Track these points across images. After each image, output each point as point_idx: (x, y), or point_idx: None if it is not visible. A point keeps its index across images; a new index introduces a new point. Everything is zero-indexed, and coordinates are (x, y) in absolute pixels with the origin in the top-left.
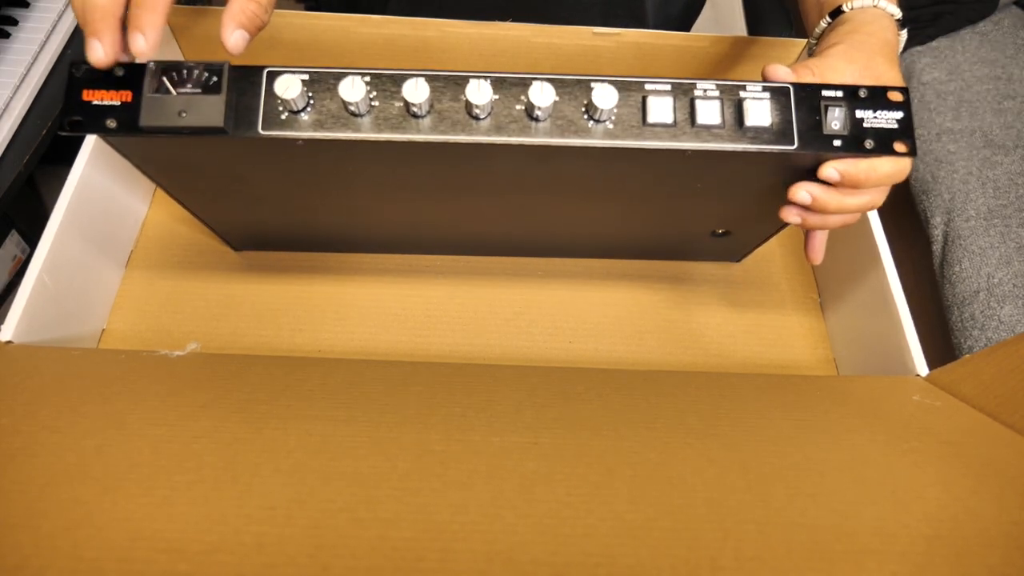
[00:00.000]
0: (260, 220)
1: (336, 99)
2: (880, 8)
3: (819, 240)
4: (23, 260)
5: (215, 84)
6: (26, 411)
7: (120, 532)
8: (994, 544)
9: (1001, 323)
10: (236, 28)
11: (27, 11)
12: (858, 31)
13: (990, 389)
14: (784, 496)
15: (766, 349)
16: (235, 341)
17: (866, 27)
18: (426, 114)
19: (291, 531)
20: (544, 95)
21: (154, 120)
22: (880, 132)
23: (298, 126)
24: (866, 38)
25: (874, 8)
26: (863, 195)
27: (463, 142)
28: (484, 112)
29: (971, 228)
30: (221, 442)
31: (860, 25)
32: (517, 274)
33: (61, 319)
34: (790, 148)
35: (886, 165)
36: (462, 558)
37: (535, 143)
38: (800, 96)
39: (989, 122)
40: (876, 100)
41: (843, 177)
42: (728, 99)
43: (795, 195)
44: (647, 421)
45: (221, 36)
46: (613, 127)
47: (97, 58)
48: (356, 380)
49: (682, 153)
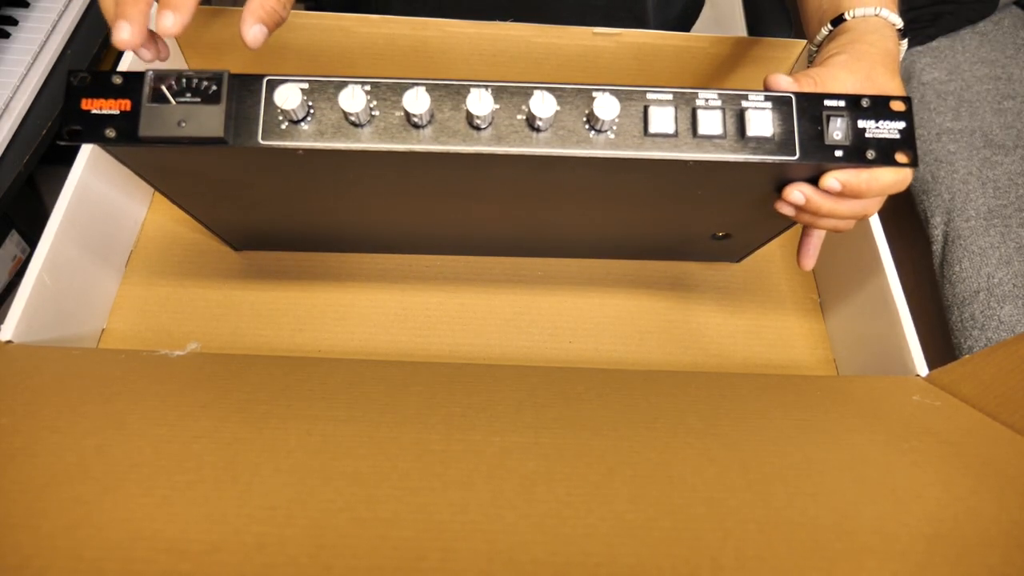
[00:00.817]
0: (260, 224)
1: (336, 109)
2: (882, 18)
3: (812, 245)
4: (23, 260)
5: (214, 93)
6: (26, 411)
7: (121, 532)
8: (994, 544)
9: (1001, 323)
10: (255, 23)
11: (27, 11)
12: (860, 41)
13: (990, 389)
14: (784, 495)
15: (766, 349)
16: (235, 341)
17: (868, 37)
18: (427, 124)
19: (292, 531)
20: (545, 105)
21: (153, 130)
22: (882, 142)
23: (298, 136)
24: (868, 48)
25: (876, 17)
26: (858, 203)
27: (464, 152)
28: (485, 122)
29: (971, 228)
30: (221, 442)
31: (862, 35)
32: (517, 274)
33: (61, 319)
34: (792, 158)
35: (887, 176)
36: (463, 558)
37: (536, 153)
38: (802, 106)
39: (989, 122)
40: (878, 110)
41: (844, 187)
42: (730, 109)
43: (789, 195)
44: (647, 421)
45: (240, 30)
46: (614, 137)
47: (122, 39)
48: (356, 380)
49: (683, 163)
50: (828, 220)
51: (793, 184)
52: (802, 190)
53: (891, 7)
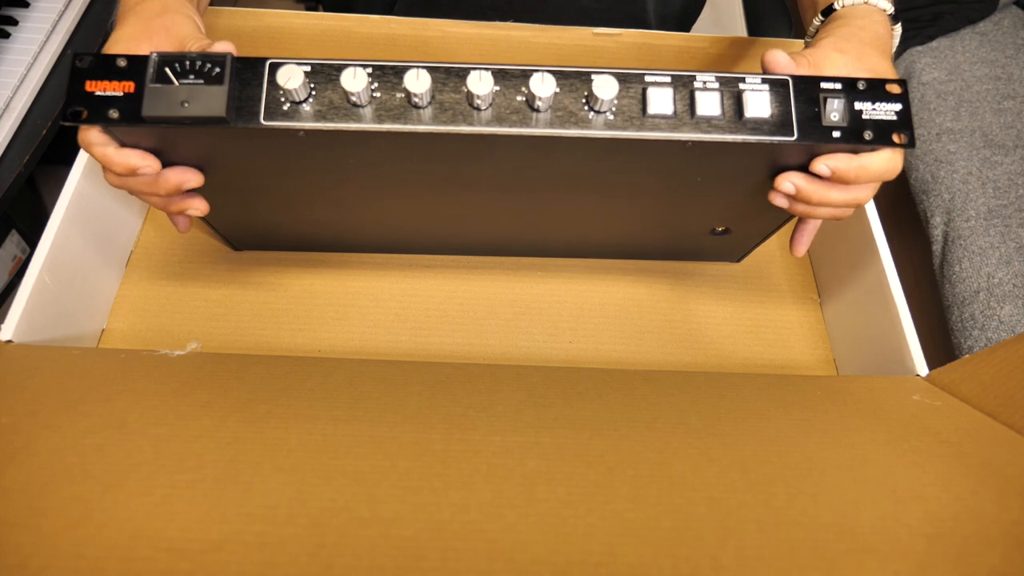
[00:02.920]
0: (261, 217)
1: (338, 90)
2: (871, 4)
3: (806, 234)
4: (23, 260)
5: (218, 75)
6: (26, 410)
7: (121, 531)
8: (994, 543)
9: (1001, 323)
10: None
11: (27, 11)
12: (848, 25)
13: (990, 389)
14: (785, 495)
15: (766, 349)
16: (235, 341)
17: (856, 21)
18: (427, 104)
19: (292, 530)
20: (545, 86)
21: (156, 110)
22: (879, 124)
23: (300, 116)
24: (856, 31)
25: (864, 4)
26: (849, 191)
27: (464, 132)
28: (485, 103)
29: (971, 228)
30: (222, 441)
31: (850, 20)
32: (517, 274)
33: (61, 319)
34: (789, 139)
35: (876, 162)
36: (463, 557)
37: (536, 134)
38: (799, 88)
39: (989, 122)
40: (875, 92)
41: (834, 173)
42: (728, 91)
43: (780, 184)
44: (647, 421)
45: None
46: (613, 118)
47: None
48: (356, 380)
49: (682, 144)
50: (822, 209)
51: (784, 174)
52: (793, 180)
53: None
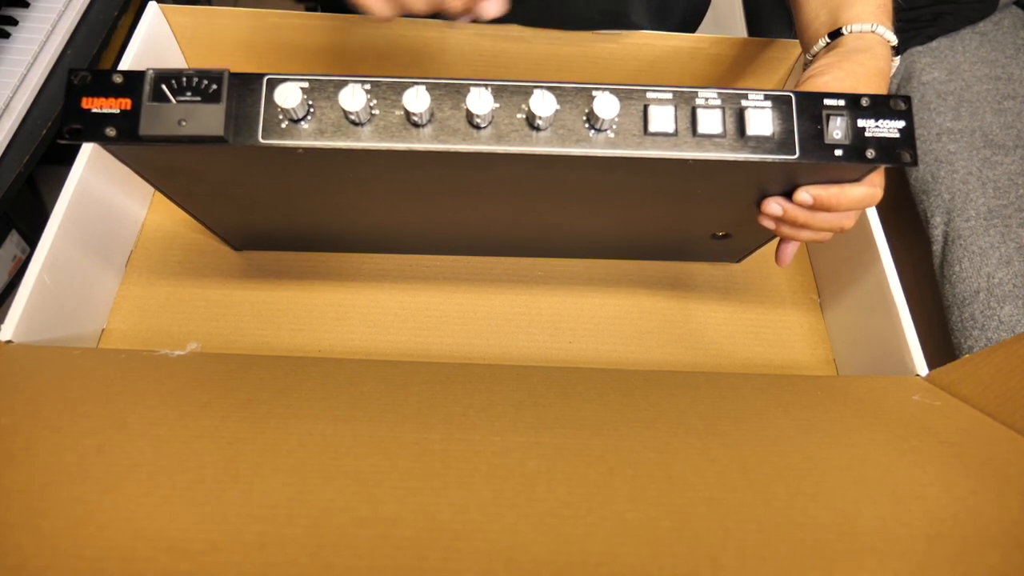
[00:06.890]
0: (260, 223)
1: (336, 108)
2: (878, 35)
3: (791, 247)
4: (23, 260)
5: (215, 92)
6: (26, 411)
7: (121, 531)
8: (994, 543)
9: (1001, 323)
10: None
11: (27, 11)
12: (850, 60)
13: (990, 389)
14: (785, 495)
15: (766, 349)
16: (235, 341)
17: (860, 55)
18: (427, 123)
19: (292, 530)
20: (545, 104)
21: (153, 129)
22: (882, 141)
23: (298, 135)
24: (858, 67)
25: (872, 34)
26: (833, 216)
27: (464, 151)
28: (485, 121)
29: (971, 228)
30: (222, 441)
31: (855, 52)
32: (517, 274)
33: (61, 319)
34: (791, 157)
35: (856, 191)
36: (464, 557)
37: (536, 152)
38: (802, 105)
39: (989, 122)
40: (878, 109)
41: (816, 201)
42: (730, 108)
43: (767, 207)
44: (647, 421)
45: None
46: (614, 136)
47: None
48: (356, 380)
49: (683, 162)
50: (806, 232)
51: (771, 198)
52: (779, 203)
53: (887, 24)
